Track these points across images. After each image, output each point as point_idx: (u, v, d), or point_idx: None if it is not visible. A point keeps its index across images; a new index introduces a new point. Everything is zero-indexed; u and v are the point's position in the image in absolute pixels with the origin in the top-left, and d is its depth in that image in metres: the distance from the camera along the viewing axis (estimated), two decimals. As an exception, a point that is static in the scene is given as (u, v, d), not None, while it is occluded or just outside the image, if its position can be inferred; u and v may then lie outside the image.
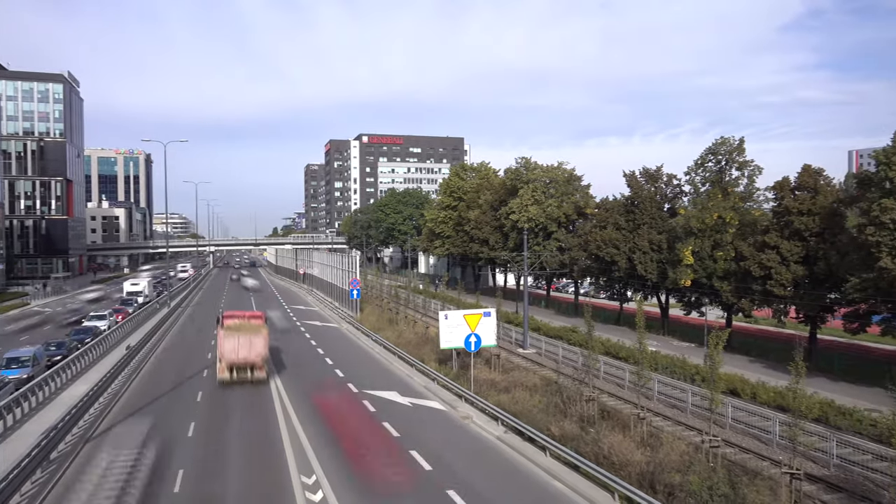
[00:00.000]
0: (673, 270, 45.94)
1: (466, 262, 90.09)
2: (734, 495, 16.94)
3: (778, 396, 28.04)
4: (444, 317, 33.66)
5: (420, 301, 67.49)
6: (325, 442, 23.80)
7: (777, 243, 38.48)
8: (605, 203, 57.73)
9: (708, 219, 43.37)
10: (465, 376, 32.15)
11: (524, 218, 63.87)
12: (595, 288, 69.86)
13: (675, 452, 20.87)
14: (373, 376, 35.67)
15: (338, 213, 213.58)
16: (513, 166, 71.00)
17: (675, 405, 29.59)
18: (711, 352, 21.09)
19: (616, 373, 34.71)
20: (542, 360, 40.24)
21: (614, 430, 23.14)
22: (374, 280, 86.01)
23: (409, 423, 26.30)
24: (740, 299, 41.81)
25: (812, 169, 39.60)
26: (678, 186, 52.11)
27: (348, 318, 59.32)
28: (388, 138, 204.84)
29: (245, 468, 21.28)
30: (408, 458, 21.91)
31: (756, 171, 44.35)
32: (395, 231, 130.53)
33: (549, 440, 22.26)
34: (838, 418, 25.51)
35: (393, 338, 45.73)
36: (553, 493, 19.47)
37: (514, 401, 28.04)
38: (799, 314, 40.34)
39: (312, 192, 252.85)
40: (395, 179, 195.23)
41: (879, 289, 30.80)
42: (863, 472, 20.95)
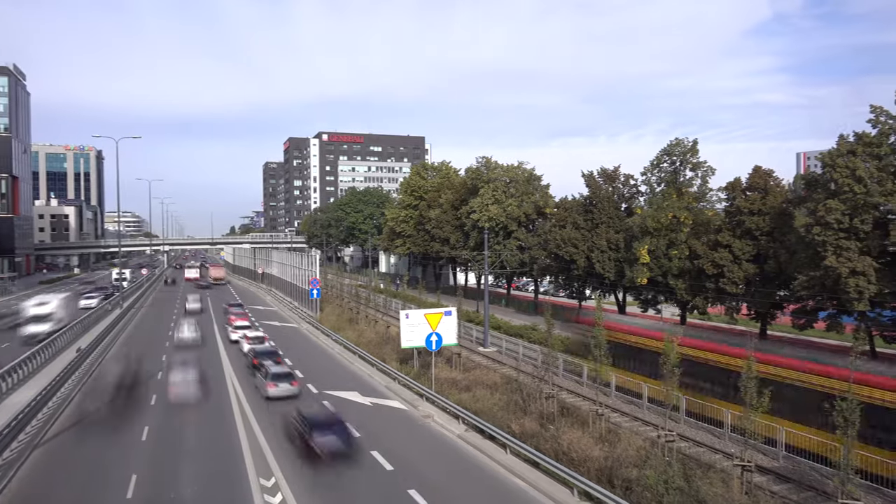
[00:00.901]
0: (630, 269, 46.80)
1: (427, 261, 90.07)
2: (688, 488, 17.38)
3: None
4: (405, 316, 33.60)
5: (381, 300, 67.20)
6: (283, 444, 23.47)
7: (729, 242, 39.57)
8: (565, 203, 58.41)
9: (663, 218, 44.32)
10: (426, 375, 32.15)
11: (485, 217, 64.18)
12: (555, 286, 70.64)
13: (632, 448, 21.28)
14: (333, 377, 35.36)
15: (297, 211, 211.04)
16: (474, 166, 71.25)
17: (631, 401, 30.15)
18: (667, 348, 21.56)
19: (575, 370, 35.17)
20: (503, 359, 40.52)
21: (573, 426, 23.46)
22: (335, 279, 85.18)
23: (370, 423, 26.17)
24: (694, 297, 42.85)
25: (762, 170, 40.83)
26: (635, 186, 53.10)
27: (308, 318, 58.66)
28: (349, 136, 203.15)
29: (202, 472, 20.85)
30: (368, 459, 21.80)
31: (709, 172, 45.48)
32: (355, 230, 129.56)
33: (509, 438, 22.44)
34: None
35: (353, 337, 45.42)
36: (514, 489, 19.63)
37: (475, 399, 28.17)
38: (750, 311, 41.59)
39: (271, 190, 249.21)
40: (355, 178, 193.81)
41: (825, 286, 31.96)
42: (809, 463, 21.74)
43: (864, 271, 29.99)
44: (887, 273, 30.62)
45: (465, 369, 35.00)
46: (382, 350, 40.03)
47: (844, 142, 32.32)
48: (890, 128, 31.30)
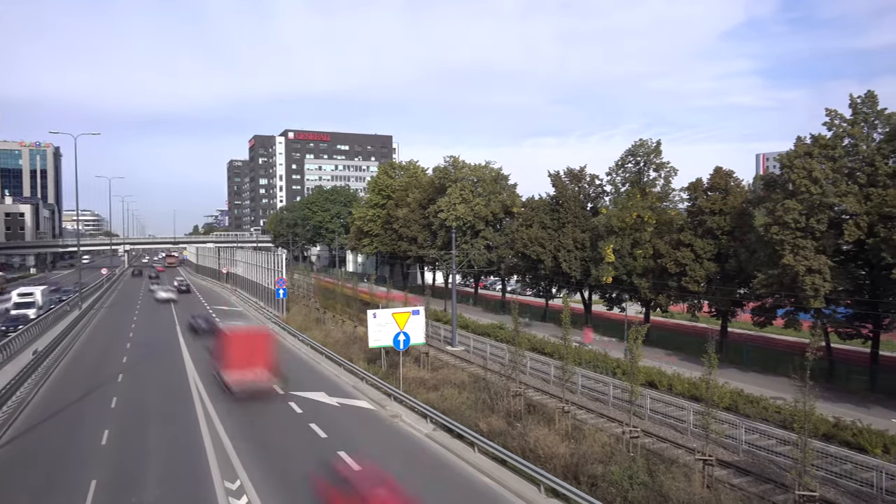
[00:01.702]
0: (596, 268, 47.42)
1: (395, 260, 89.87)
2: (652, 483, 17.72)
3: (692, 387, 29.50)
4: (372, 315, 33.48)
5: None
6: (249, 446, 23.19)
7: (691, 241, 40.40)
8: (532, 202, 58.90)
9: (628, 218, 45.03)
10: (394, 375, 32.09)
11: (452, 216, 64.32)
12: (522, 285, 71.15)
13: (597, 444, 21.58)
14: (300, 377, 35.02)
15: (263, 210, 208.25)
16: (441, 165, 71.34)
17: (597, 398, 30.57)
18: (631, 346, 21.92)
19: (542, 368, 35.51)
20: (471, 357, 40.66)
21: (540, 424, 23.67)
22: (302, 279, 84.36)
23: (338, 424, 26.02)
24: (658, 295, 43.65)
25: (723, 171, 41.79)
26: (600, 186, 53.80)
27: (274, 318, 57.98)
28: (315, 135, 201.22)
29: (164, 476, 20.45)
30: (336, 460, 21.65)
31: (672, 172, 46.38)
32: (322, 229, 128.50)
33: (477, 436, 22.55)
34: (747, 406, 27.10)
35: (320, 337, 45.07)
36: (481, 487, 19.73)
37: (443, 398, 28.23)
38: (711, 309, 42.53)
39: (236, 188, 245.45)
40: (322, 177, 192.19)
41: (783, 284, 32.87)
42: (768, 457, 22.37)
43: (820, 269, 30.93)
44: (841, 271, 31.64)
45: (433, 368, 35.02)
46: (350, 350, 39.81)
47: (801, 144, 33.28)
48: (844, 131, 32.34)
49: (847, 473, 20.34)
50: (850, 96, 32.53)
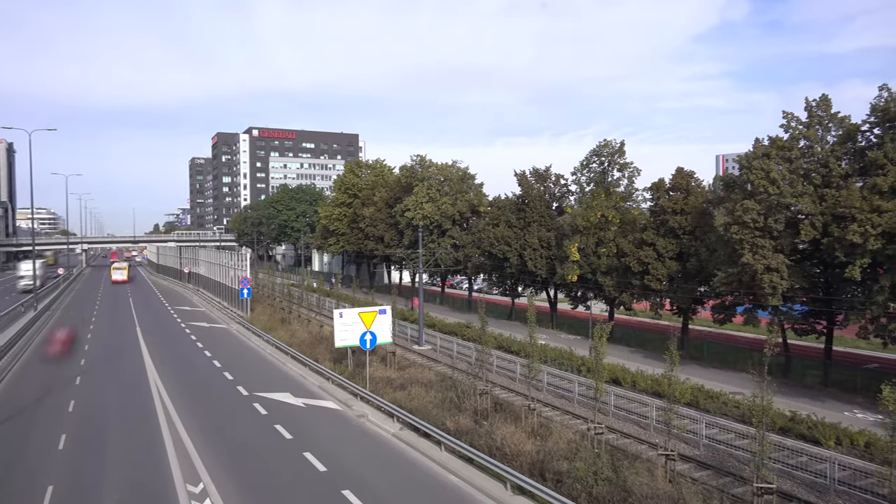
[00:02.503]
0: (561, 266, 47.93)
1: (361, 259, 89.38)
2: (616, 478, 17.99)
3: (655, 384, 30.04)
4: (338, 315, 33.26)
5: (314, 299, 66.21)
6: (212, 449, 22.82)
7: (654, 240, 41.15)
8: (498, 201, 59.22)
9: (592, 217, 45.62)
10: (360, 374, 31.94)
11: (419, 215, 64.27)
12: (488, 284, 71.55)
13: (563, 441, 21.82)
14: (264, 378, 34.61)
15: (226, 209, 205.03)
16: (408, 164, 71.20)
17: (563, 395, 30.91)
18: (596, 344, 22.20)
19: (508, 366, 35.75)
20: (438, 356, 40.71)
21: (507, 421, 23.82)
22: (266, 278, 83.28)
23: (303, 425, 25.78)
24: (621, 293, 44.33)
25: (684, 171, 42.66)
26: (565, 186, 54.42)
27: (238, 319, 57.14)
28: (280, 132, 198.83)
29: (125, 480, 19.98)
30: (301, 460, 21.48)
31: (635, 173, 47.15)
32: (287, 228, 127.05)
33: (444, 435, 22.58)
34: (707, 402, 27.73)
35: (286, 338, 44.59)
36: (448, 486, 19.78)
37: (410, 397, 28.20)
38: (673, 306, 43.38)
39: (198, 187, 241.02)
40: (287, 175, 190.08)
41: (742, 282, 33.71)
42: (728, 450, 22.93)
43: (778, 268, 31.80)
44: (798, 269, 32.58)
45: (399, 368, 34.96)
46: (316, 350, 39.48)
47: (759, 145, 34.17)
48: (800, 133, 33.30)
49: (802, 465, 20.98)
50: (805, 100, 33.52)
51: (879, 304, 28.58)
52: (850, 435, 23.28)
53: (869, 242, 28.12)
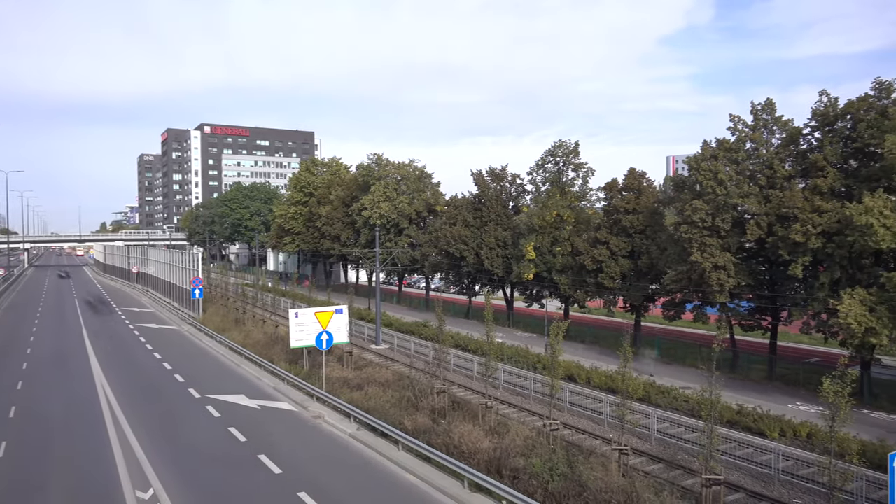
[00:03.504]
0: (517, 265, 48.41)
1: (318, 258, 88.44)
2: (572, 473, 18.28)
3: (609, 380, 30.64)
4: (294, 315, 32.84)
5: (269, 299, 65.15)
6: (163, 453, 22.22)
7: (607, 239, 41.95)
8: (455, 201, 59.42)
9: (548, 216, 46.22)
10: (316, 375, 31.60)
11: (376, 214, 63.97)
12: (445, 283, 71.71)
13: (519, 438, 22.04)
14: (217, 380, 33.90)
15: (177, 207, 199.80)
16: (365, 162, 70.77)
17: (519, 393, 31.23)
18: (552, 341, 22.51)
19: (466, 365, 35.91)
20: (395, 356, 40.60)
21: (464, 420, 23.92)
22: (219, 278, 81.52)
23: (258, 427, 25.36)
24: (576, 291, 45.06)
25: (636, 172, 43.62)
26: (521, 186, 54.99)
27: (190, 320, 55.81)
28: (233, 129, 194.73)
29: (70, 488, 19.29)
30: (256, 463, 21.13)
31: (589, 173, 48.03)
32: (241, 227, 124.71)
33: (401, 434, 22.54)
34: (659, 397, 28.43)
35: (240, 338, 43.77)
36: (405, 485, 19.75)
37: (367, 397, 28.05)
38: (626, 304, 44.34)
39: (148, 184, 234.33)
40: (240, 173, 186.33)
41: (691, 280, 34.68)
42: (678, 444, 23.56)
43: (725, 266, 32.83)
44: (744, 268, 33.71)
45: (356, 367, 34.73)
46: (271, 351, 38.87)
47: (708, 147, 35.19)
48: (746, 135, 34.45)
49: (749, 457, 21.73)
50: (751, 103, 34.71)
51: (820, 300, 29.81)
52: (793, 426, 24.23)
53: (810, 241, 29.29)
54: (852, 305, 26.84)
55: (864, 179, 29.85)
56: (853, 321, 26.49)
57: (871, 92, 30.74)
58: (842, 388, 15.49)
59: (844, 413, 15.69)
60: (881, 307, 26.59)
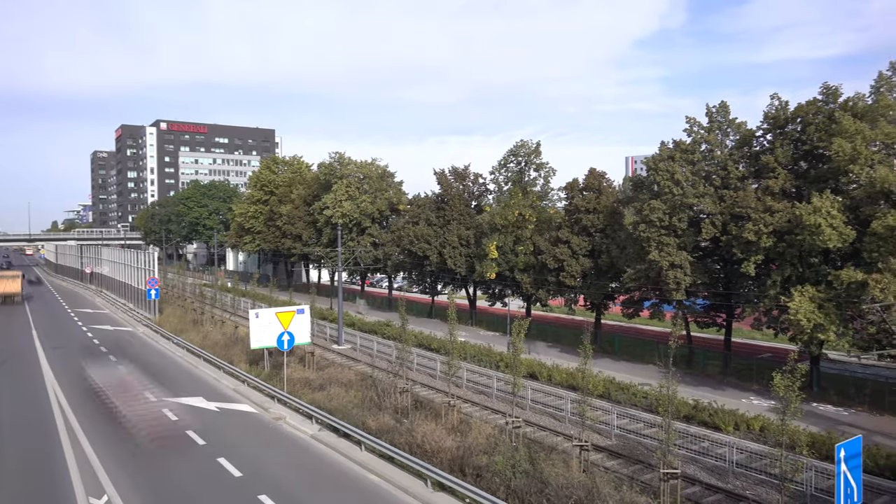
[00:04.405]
0: (480, 264, 48.64)
1: (279, 258, 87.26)
2: (533, 470, 18.49)
3: (570, 377, 31.06)
4: (254, 315, 32.40)
5: (229, 300, 64.06)
6: (118, 458, 21.66)
7: (568, 238, 42.48)
8: (418, 200, 59.36)
9: (510, 216, 46.56)
10: (278, 376, 31.22)
11: (338, 213, 63.47)
12: (408, 282, 71.58)
13: (482, 436, 22.19)
14: (175, 382, 33.18)
15: (132, 205, 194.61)
16: (326, 161, 70.12)
17: (482, 391, 31.40)
18: (514, 340, 22.72)
19: (429, 364, 35.94)
20: (358, 356, 40.37)
21: (427, 419, 23.97)
22: (176, 278, 79.73)
23: (217, 430, 24.92)
24: (538, 290, 45.51)
25: (596, 172, 44.27)
26: (484, 185, 55.24)
27: (145, 321, 54.46)
28: (191, 126, 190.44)
29: (20, 494, 18.64)
30: (215, 467, 20.76)
31: (551, 172, 48.52)
32: (199, 226, 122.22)
33: (364, 434, 22.44)
34: (618, 393, 28.96)
35: (198, 340, 42.92)
36: (368, 486, 19.68)
37: (330, 398, 27.85)
38: (586, 302, 45.00)
39: (101, 182, 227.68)
40: (198, 171, 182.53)
41: (649, 278, 35.40)
42: (637, 439, 24.04)
43: (681, 264, 33.59)
44: (700, 266, 34.54)
45: (318, 368, 34.43)
46: (230, 352, 38.23)
47: (665, 148, 35.94)
48: (702, 137, 35.30)
49: (705, 450, 22.31)
50: (706, 106, 35.61)
51: (771, 297, 30.78)
52: (747, 420, 24.98)
53: (762, 240, 30.21)
54: (802, 302, 27.77)
55: (813, 181, 30.94)
56: (802, 318, 27.41)
57: (819, 96, 31.88)
58: (792, 383, 16.03)
59: (795, 406, 16.24)
60: (829, 304, 27.60)
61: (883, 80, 28.70)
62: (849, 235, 27.55)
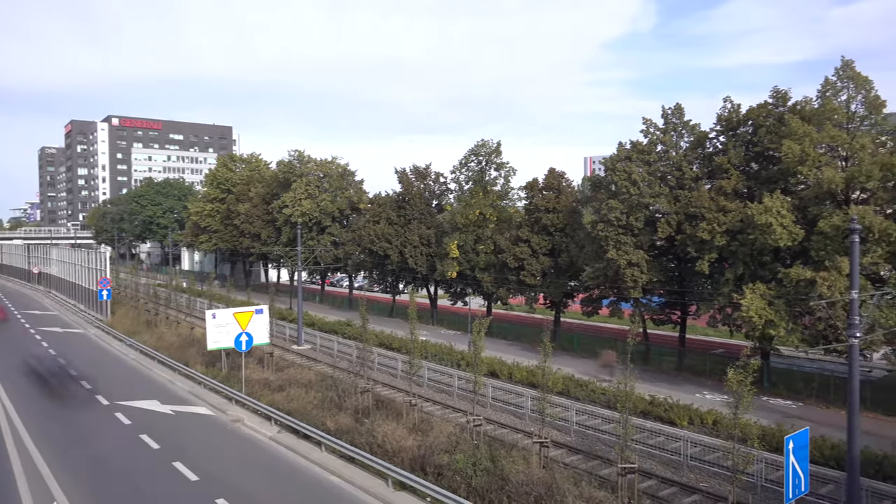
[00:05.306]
0: (441, 263, 48.69)
1: (237, 257, 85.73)
2: (494, 468, 18.58)
3: (530, 375, 31.35)
4: (211, 316, 31.76)
5: (184, 300, 62.59)
6: (67, 465, 20.95)
7: (529, 237, 42.88)
8: (378, 199, 59.07)
9: (471, 215, 46.74)
10: (236, 378, 30.67)
11: (297, 212, 62.65)
12: (369, 281, 71.18)
13: (443, 434, 22.19)
14: (128, 385, 32.26)
15: (83, 203, 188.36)
16: (286, 159, 69.15)
17: (443, 390, 31.44)
18: (474, 338, 22.79)
19: (390, 363, 35.79)
20: (318, 356, 39.95)
21: (388, 418, 23.86)
22: (129, 279, 77.52)
23: (172, 433, 24.33)
24: (499, 288, 45.82)
25: (556, 172, 44.80)
26: (445, 184, 55.30)
27: (97, 323, 52.80)
28: (144, 122, 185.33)
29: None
30: (170, 471, 20.27)
31: (511, 172, 48.88)
32: (153, 224, 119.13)
33: (324, 435, 22.23)
34: (577, 390, 29.35)
35: (152, 341, 41.84)
36: (328, 487, 19.49)
37: (289, 399, 27.49)
38: (546, 300, 45.50)
39: (50, 179, 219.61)
40: (152, 168, 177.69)
41: (608, 276, 36.00)
42: (596, 435, 24.42)
43: (638, 263, 34.25)
44: (656, 264, 35.29)
45: (278, 369, 33.94)
46: (186, 353, 37.36)
47: (623, 149, 36.59)
48: (657, 138, 36.04)
49: (661, 445, 22.80)
50: (662, 107, 36.39)
51: (725, 295, 31.63)
52: (701, 415, 25.62)
53: (716, 239, 31.02)
54: (753, 300, 28.61)
55: (764, 181, 31.91)
56: (754, 314, 28.24)
57: (770, 100, 32.89)
58: (744, 378, 16.48)
59: (747, 400, 16.70)
60: (779, 301, 28.50)
61: (829, 85, 29.76)
62: (798, 234, 28.50)
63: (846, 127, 29.36)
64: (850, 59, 29.14)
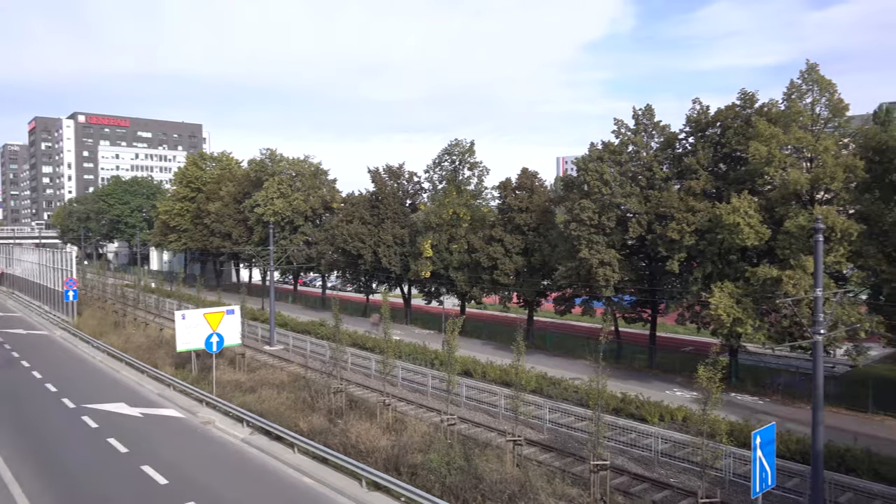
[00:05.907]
0: (414, 263, 48.62)
1: (207, 257, 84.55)
2: (468, 466, 18.64)
3: (503, 373, 31.49)
4: (181, 317, 31.27)
5: (153, 301, 61.56)
6: (32, 470, 20.44)
7: (502, 237, 43.06)
8: (352, 198, 58.74)
9: (445, 214, 46.76)
10: (206, 379, 30.24)
11: (270, 211, 62.01)
12: (342, 281, 70.78)
13: (417, 434, 22.19)
14: (94, 388, 31.61)
15: (47, 202, 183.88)
16: (257, 158, 68.36)
17: (417, 389, 31.41)
18: (448, 337, 22.81)
19: (364, 363, 35.64)
20: (291, 356, 39.60)
21: (362, 419, 23.76)
22: (96, 279, 75.96)
23: (140, 436, 23.89)
24: (472, 288, 45.94)
25: (529, 171, 45.04)
26: (419, 183, 55.22)
27: (63, 324, 51.61)
28: (111, 119, 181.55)
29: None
30: (139, 475, 19.90)
31: (484, 172, 49.05)
32: (121, 224, 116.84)
33: (296, 436, 22.04)
34: (550, 388, 29.58)
35: (119, 343, 41.03)
36: (302, 488, 19.34)
37: (261, 400, 27.20)
38: (520, 299, 45.73)
39: (13, 177, 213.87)
40: (120, 166, 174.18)
41: (580, 275, 36.32)
42: (568, 432, 24.63)
43: (610, 262, 34.62)
44: (627, 263, 35.72)
45: (249, 370, 33.56)
46: (155, 355, 36.71)
47: (594, 149, 36.93)
48: (629, 139, 36.46)
49: (632, 442, 23.10)
50: (633, 108, 36.83)
51: (694, 293, 32.17)
52: (671, 411, 26.01)
53: (685, 239, 31.52)
54: (721, 298, 29.15)
55: (732, 182, 32.51)
56: (722, 312, 28.78)
57: (738, 102, 33.52)
58: (714, 374, 16.78)
59: (715, 397, 17.02)
60: (746, 299, 29.08)
61: (794, 88, 30.42)
62: (764, 234, 29.10)
63: (811, 129, 30.06)
64: (814, 63, 29.81)
